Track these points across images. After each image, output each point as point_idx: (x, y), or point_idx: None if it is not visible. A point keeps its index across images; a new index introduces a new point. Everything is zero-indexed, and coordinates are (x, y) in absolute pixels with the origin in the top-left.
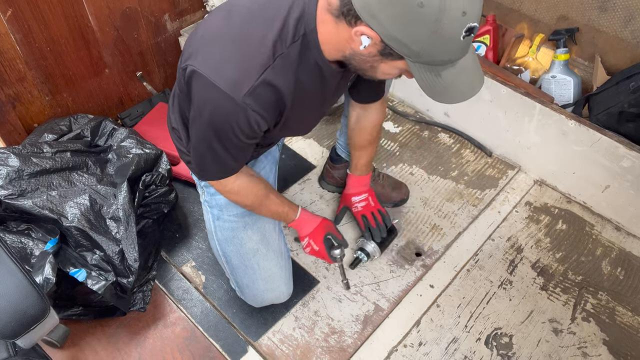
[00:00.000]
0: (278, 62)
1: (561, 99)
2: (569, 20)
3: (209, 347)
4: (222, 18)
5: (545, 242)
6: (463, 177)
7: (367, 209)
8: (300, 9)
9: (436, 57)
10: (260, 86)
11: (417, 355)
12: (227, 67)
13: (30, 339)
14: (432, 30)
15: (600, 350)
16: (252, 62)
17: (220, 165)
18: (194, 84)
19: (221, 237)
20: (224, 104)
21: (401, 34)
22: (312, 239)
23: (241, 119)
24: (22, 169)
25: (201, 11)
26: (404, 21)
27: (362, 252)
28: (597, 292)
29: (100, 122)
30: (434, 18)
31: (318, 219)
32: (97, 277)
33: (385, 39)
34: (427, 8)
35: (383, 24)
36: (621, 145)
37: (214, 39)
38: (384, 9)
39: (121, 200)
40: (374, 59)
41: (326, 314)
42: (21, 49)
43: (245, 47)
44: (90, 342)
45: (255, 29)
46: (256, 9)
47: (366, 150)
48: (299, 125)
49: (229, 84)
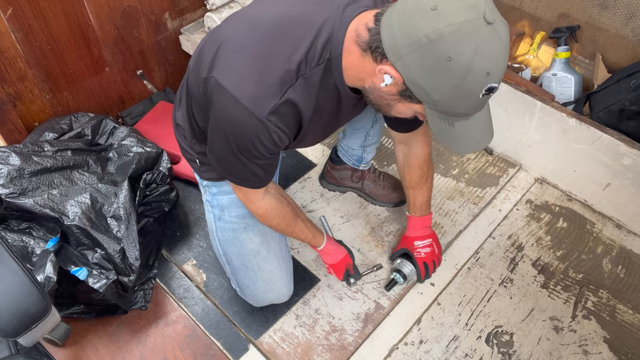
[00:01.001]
0: (300, 81)
1: (562, 96)
2: (569, 18)
3: (210, 345)
4: (246, 28)
5: (546, 240)
6: (464, 175)
7: (430, 257)
8: (328, 33)
9: (453, 109)
10: (284, 104)
11: (417, 353)
12: (250, 82)
13: (31, 337)
14: (455, 85)
15: (601, 348)
16: (275, 79)
17: (249, 174)
18: (216, 96)
19: (222, 238)
20: (248, 120)
21: (424, 82)
22: (333, 269)
23: (264, 135)
24: (23, 167)
25: (201, 10)
26: (430, 70)
27: (399, 274)
28: (598, 290)
29: (101, 120)
30: (459, 74)
31: (341, 253)
32: (98, 275)
33: (407, 82)
34: (455, 63)
35: (408, 67)
36: (622, 143)
37: (238, 50)
38: (412, 54)
39: (122, 198)
40: (392, 97)
41: (327, 312)
42: (21, 48)
43: (270, 63)
44: (91, 341)
45: (281, 46)
46: (284, 26)
47: (421, 188)
48: (309, 141)
49: (252, 100)
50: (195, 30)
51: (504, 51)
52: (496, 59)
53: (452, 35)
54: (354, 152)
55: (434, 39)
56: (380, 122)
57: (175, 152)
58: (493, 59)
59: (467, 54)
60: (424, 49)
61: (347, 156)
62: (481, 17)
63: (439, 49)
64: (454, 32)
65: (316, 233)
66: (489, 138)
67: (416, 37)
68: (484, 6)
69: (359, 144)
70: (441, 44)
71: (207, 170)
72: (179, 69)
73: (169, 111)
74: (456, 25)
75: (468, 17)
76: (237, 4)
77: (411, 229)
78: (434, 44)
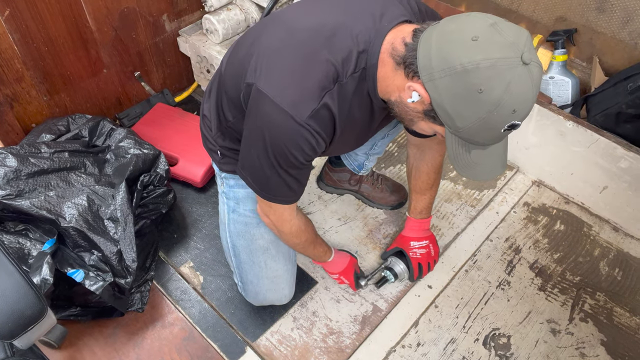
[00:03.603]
0: (337, 88)
1: (559, 99)
2: (567, 21)
3: (207, 347)
4: (286, 36)
5: (543, 243)
6: (461, 178)
7: (426, 259)
8: (365, 43)
9: (473, 138)
10: (322, 109)
11: (415, 355)
12: (289, 87)
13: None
14: (480, 117)
15: (598, 351)
16: (314, 84)
17: (284, 187)
18: (256, 102)
19: (233, 230)
20: (287, 125)
21: (451, 107)
22: (343, 276)
23: (302, 140)
24: (19, 169)
25: (199, 11)
26: (459, 98)
27: (390, 272)
28: (595, 292)
29: (99, 122)
30: (487, 108)
31: (347, 258)
32: (95, 277)
33: (434, 104)
34: (485, 96)
35: (438, 90)
36: (619, 146)
37: (276, 53)
38: (445, 78)
39: (119, 200)
40: (416, 114)
41: (324, 315)
42: (19, 49)
43: (310, 68)
44: (88, 343)
45: (319, 51)
46: (321, 31)
47: (424, 194)
48: (338, 150)
49: (292, 104)
50: (193, 32)
51: (534, 92)
52: (525, 99)
53: (488, 69)
54: (357, 159)
55: (469, 69)
56: (391, 136)
57: (173, 153)
58: (522, 98)
59: (498, 89)
60: (457, 76)
61: (349, 160)
62: (519, 56)
63: (472, 80)
64: (490, 67)
65: (326, 248)
66: (502, 169)
67: (452, 63)
68: (523, 46)
69: (364, 151)
70: (475, 75)
71: (227, 162)
72: (177, 70)
73: (166, 113)
74: (493, 60)
75: (506, 54)
76: (235, 6)
77: (409, 230)
78: (468, 74)
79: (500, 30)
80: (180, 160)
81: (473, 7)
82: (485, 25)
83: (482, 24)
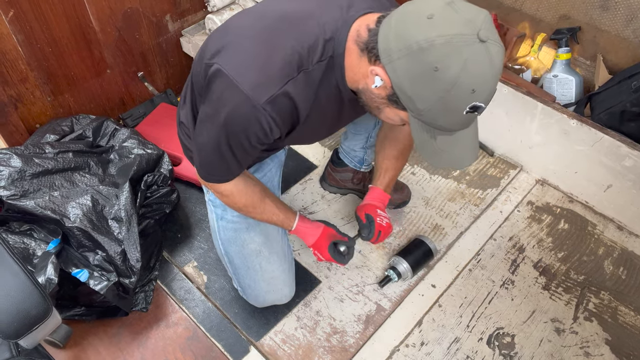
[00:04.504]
0: (301, 76)
1: (563, 98)
2: (570, 20)
3: (211, 347)
4: (253, 19)
5: (547, 242)
6: (465, 177)
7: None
8: (332, 31)
9: (436, 121)
10: (281, 96)
11: (419, 355)
12: (252, 69)
13: (32, 339)
14: (439, 97)
15: (603, 350)
16: (277, 69)
17: (224, 169)
18: (216, 82)
19: (224, 237)
20: (243, 106)
21: (410, 89)
22: (316, 249)
23: (256, 122)
24: (24, 169)
25: (202, 11)
26: (416, 78)
27: (394, 272)
28: (600, 291)
29: (102, 122)
30: (444, 87)
31: (319, 228)
32: (99, 277)
33: (395, 86)
34: (441, 74)
35: (397, 72)
36: (623, 145)
37: (244, 36)
38: (402, 59)
39: (123, 200)
40: (381, 101)
41: (328, 314)
42: (23, 50)
43: (274, 52)
44: (92, 342)
45: (286, 38)
46: (290, 19)
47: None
48: (306, 139)
49: (251, 86)
50: (196, 32)
51: (493, 72)
52: (483, 78)
53: (443, 46)
54: (355, 154)
55: (425, 47)
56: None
57: (177, 153)
58: (480, 77)
59: (454, 67)
60: (413, 55)
61: (349, 158)
62: (475, 33)
63: (428, 58)
64: (445, 44)
65: (288, 212)
66: (471, 159)
67: (408, 42)
68: (480, 23)
69: (361, 145)
70: (430, 53)
71: None
72: (180, 70)
73: (170, 113)
74: (448, 37)
75: (462, 31)
76: (238, 6)
77: (375, 199)
78: (423, 52)
79: (456, 8)
80: (183, 160)
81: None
82: (441, 4)
83: (438, 2)
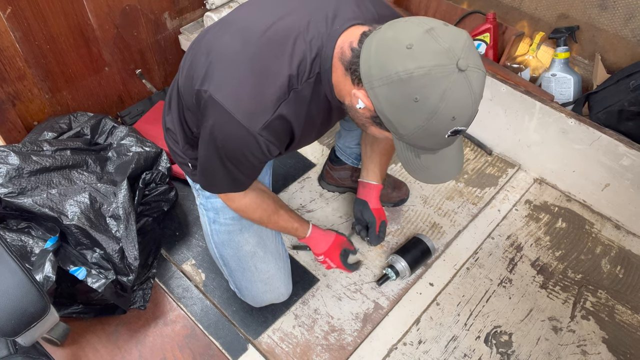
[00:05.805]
0: (292, 95)
1: (561, 97)
2: (569, 19)
3: (209, 345)
4: (238, 40)
5: (545, 241)
6: (463, 176)
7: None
8: (318, 47)
9: (419, 143)
10: (276, 120)
11: (416, 353)
12: (244, 98)
13: (30, 336)
14: (420, 125)
15: (600, 349)
16: (269, 95)
17: (232, 181)
18: (209, 109)
19: (218, 240)
20: (239, 134)
21: (391, 115)
22: (328, 257)
23: (255, 147)
24: (22, 167)
25: (201, 9)
26: (397, 107)
27: (392, 270)
28: (597, 290)
29: (100, 120)
30: (425, 116)
31: (331, 236)
32: (97, 275)
33: (377, 111)
34: (421, 105)
35: (378, 98)
36: (621, 144)
37: (231, 63)
38: (383, 87)
39: (121, 198)
40: (367, 120)
41: (326, 312)
42: (21, 47)
43: (263, 78)
44: (90, 340)
45: (273, 61)
46: (275, 38)
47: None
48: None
49: (245, 115)
50: (194, 30)
51: (473, 98)
52: (463, 105)
53: (421, 78)
54: (352, 151)
55: (404, 78)
56: None
57: None
58: (460, 105)
59: (433, 98)
60: (393, 85)
61: (346, 155)
62: (454, 63)
63: (407, 89)
64: (424, 76)
65: (301, 222)
66: (455, 172)
67: (388, 72)
68: (459, 52)
69: (356, 141)
70: (410, 84)
71: None
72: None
73: None
74: (427, 68)
75: (440, 62)
76: (236, 3)
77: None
78: (403, 83)
79: (435, 36)
80: None
81: (475, 4)
82: (420, 32)
83: (417, 30)
